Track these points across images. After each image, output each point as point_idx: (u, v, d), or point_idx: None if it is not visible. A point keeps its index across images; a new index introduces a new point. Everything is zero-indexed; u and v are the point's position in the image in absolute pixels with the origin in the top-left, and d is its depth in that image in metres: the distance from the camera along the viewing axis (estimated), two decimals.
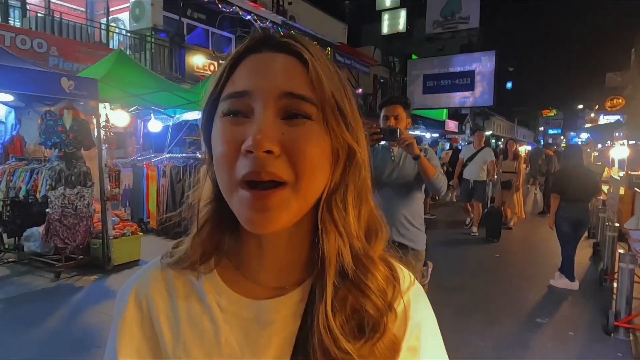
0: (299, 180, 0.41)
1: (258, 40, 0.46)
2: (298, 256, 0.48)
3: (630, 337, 3.45)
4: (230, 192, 0.42)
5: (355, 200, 0.46)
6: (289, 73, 0.43)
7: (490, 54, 18.01)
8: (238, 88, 0.43)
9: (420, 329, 0.49)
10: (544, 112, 54.14)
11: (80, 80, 4.49)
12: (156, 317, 0.49)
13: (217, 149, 0.43)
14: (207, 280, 0.49)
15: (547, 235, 6.57)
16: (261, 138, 0.39)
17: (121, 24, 10.15)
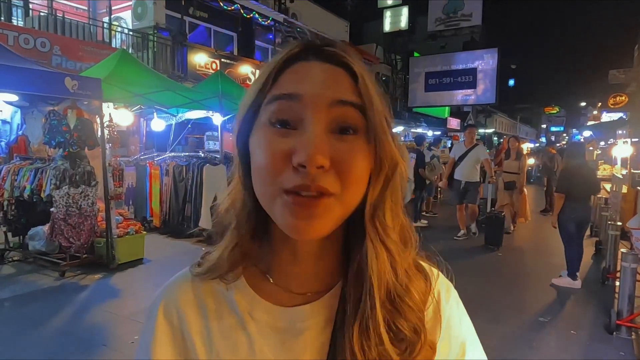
0: (344, 191, 0.41)
1: (306, 46, 0.45)
2: (329, 263, 0.49)
3: (632, 336, 3.46)
4: (272, 200, 0.41)
5: (393, 212, 0.46)
6: (340, 83, 0.42)
7: (493, 51, 17.97)
8: (287, 90, 0.41)
9: (450, 324, 0.51)
10: (546, 110, 53.90)
11: (84, 80, 4.51)
12: (187, 331, 0.49)
13: (259, 158, 0.42)
14: (237, 289, 0.49)
15: (549, 234, 6.57)
16: (314, 153, 0.38)
17: (123, 23, 10.17)
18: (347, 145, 0.41)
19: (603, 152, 13.24)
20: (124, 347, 3.18)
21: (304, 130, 0.40)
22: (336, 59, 0.43)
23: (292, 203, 0.40)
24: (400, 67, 21.20)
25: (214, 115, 7.08)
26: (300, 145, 0.39)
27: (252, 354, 0.47)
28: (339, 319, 0.46)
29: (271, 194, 0.41)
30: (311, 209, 0.40)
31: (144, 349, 0.50)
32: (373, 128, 0.42)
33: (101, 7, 10.07)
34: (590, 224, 6.96)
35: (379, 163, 0.43)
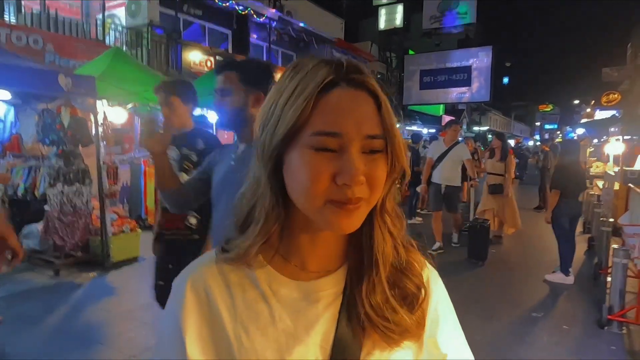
0: (372, 196, 0.51)
1: (338, 75, 0.51)
2: (340, 246, 0.59)
3: (623, 331, 3.51)
4: (318, 208, 0.50)
5: (391, 202, 0.57)
6: (369, 115, 0.51)
7: (487, 49, 18.01)
8: (331, 128, 0.49)
9: (438, 304, 0.61)
10: (540, 107, 54.22)
11: (78, 77, 4.49)
12: (214, 302, 0.56)
13: (305, 176, 0.49)
14: (259, 268, 0.57)
15: (542, 230, 6.63)
16: (356, 174, 0.48)
17: (117, 20, 10.10)
18: (375, 162, 0.51)
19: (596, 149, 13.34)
20: (120, 345, 3.19)
21: (345, 156, 0.49)
22: (363, 86, 0.52)
23: (338, 209, 0.50)
24: (395, 64, 21.22)
25: (208, 113, 7.07)
26: (345, 169, 0.48)
27: (272, 321, 0.55)
28: (348, 286, 0.57)
29: (316, 204, 0.50)
30: (351, 212, 0.50)
31: (172, 318, 0.57)
32: (393, 149, 0.52)
33: (94, 4, 10.00)
34: (583, 221, 7.04)
35: (392, 170, 0.54)
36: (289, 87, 0.51)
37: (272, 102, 0.53)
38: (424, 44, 21.13)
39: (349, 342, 0.54)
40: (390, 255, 0.56)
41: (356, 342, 0.54)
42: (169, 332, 0.57)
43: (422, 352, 0.58)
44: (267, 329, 0.54)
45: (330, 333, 0.55)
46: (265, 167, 0.54)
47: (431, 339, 0.59)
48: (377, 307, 0.54)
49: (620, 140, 8.13)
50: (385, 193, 0.55)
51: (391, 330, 0.54)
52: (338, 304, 0.56)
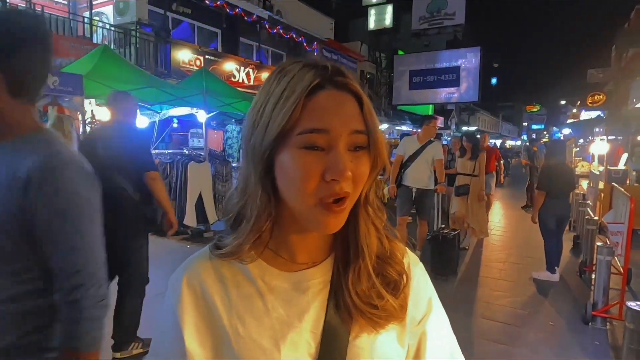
0: (355, 191, 0.54)
1: (324, 78, 0.54)
2: (327, 238, 0.61)
3: (607, 326, 3.59)
4: (307, 207, 0.53)
5: (373, 195, 0.61)
6: (353, 113, 0.54)
7: (476, 50, 18.20)
8: (318, 126, 0.52)
9: (419, 286, 0.65)
10: (527, 108, 54.94)
11: (65, 76, 4.45)
12: (209, 296, 0.58)
13: (295, 175, 0.52)
14: (251, 263, 0.59)
15: (529, 229, 6.72)
16: (344, 170, 0.51)
17: (105, 18, 10.00)
18: (359, 159, 0.54)
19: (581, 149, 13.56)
20: (108, 345, 3.16)
21: (332, 152, 0.52)
22: (346, 88, 0.55)
23: (327, 212, 0.52)
24: (385, 65, 21.33)
25: (198, 112, 7.03)
26: (333, 165, 0.51)
27: (266, 311, 0.58)
28: (335, 275, 0.60)
29: (308, 203, 0.53)
30: (337, 213, 0.53)
31: (170, 313, 0.59)
32: (375, 145, 0.55)
33: (82, 2, 9.89)
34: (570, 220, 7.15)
35: (374, 165, 0.57)
36: (277, 91, 0.53)
37: (260, 106, 0.55)
38: (413, 44, 21.28)
39: (337, 327, 0.57)
40: (374, 245, 0.60)
41: (344, 326, 0.58)
42: (167, 327, 0.60)
43: (405, 332, 0.62)
44: (262, 318, 0.57)
45: (320, 319, 0.58)
46: (256, 168, 0.56)
47: (413, 319, 0.63)
48: (363, 295, 0.58)
49: (605, 140, 8.28)
50: (369, 187, 0.58)
51: (377, 316, 0.58)
52: (326, 292, 0.59)
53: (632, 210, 3.58)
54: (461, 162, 6.05)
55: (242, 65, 11.66)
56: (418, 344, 0.63)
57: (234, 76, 11.31)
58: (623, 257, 3.67)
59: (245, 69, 11.74)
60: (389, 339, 0.60)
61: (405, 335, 0.62)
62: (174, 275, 0.62)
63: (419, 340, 0.63)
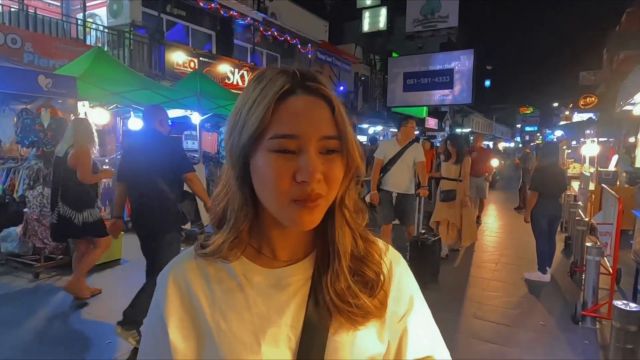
0: (329, 192, 0.57)
1: (294, 83, 0.56)
2: (307, 236, 0.64)
3: (596, 326, 3.64)
4: (281, 207, 0.55)
5: (350, 197, 0.62)
6: (324, 118, 0.56)
7: (469, 53, 18.30)
8: (288, 131, 0.54)
9: (400, 283, 0.67)
10: (521, 110, 55.24)
11: (58, 78, 4.44)
12: (194, 292, 0.61)
13: (268, 177, 0.54)
14: (235, 261, 0.62)
15: (522, 230, 6.79)
16: (313, 172, 0.53)
17: (98, 20, 9.97)
18: (331, 162, 0.56)
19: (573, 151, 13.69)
20: (102, 347, 3.16)
21: (302, 156, 0.54)
22: (318, 92, 0.57)
23: (300, 208, 0.55)
24: (379, 67, 21.40)
25: (192, 114, 7.04)
26: (303, 167, 0.53)
27: (247, 306, 0.60)
28: (316, 272, 0.62)
29: (282, 203, 0.55)
30: (312, 209, 0.55)
31: (156, 309, 0.62)
32: (346, 148, 0.57)
33: (75, 4, 9.85)
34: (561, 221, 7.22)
35: (348, 168, 0.59)
36: (252, 96, 0.56)
37: (238, 111, 0.58)
38: (408, 46, 21.37)
39: (317, 323, 0.59)
40: (349, 246, 0.62)
41: (324, 322, 0.59)
42: (153, 321, 0.63)
43: (384, 328, 0.63)
44: (243, 313, 0.59)
45: (301, 315, 0.60)
46: (234, 170, 0.59)
47: (394, 315, 0.64)
48: (341, 293, 0.59)
49: (596, 142, 8.37)
50: (344, 190, 0.60)
51: (354, 314, 0.59)
52: (307, 289, 0.61)
53: (620, 211, 3.63)
54: (446, 166, 5.80)
55: (236, 68, 11.66)
56: (399, 340, 0.64)
57: (228, 78, 11.31)
58: (612, 257, 3.73)
59: (240, 71, 11.74)
60: (368, 334, 0.61)
61: (385, 331, 0.63)
62: (161, 273, 0.65)
63: (400, 337, 0.65)
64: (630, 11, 22.20)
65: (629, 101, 3.32)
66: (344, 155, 0.57)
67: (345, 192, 0.61)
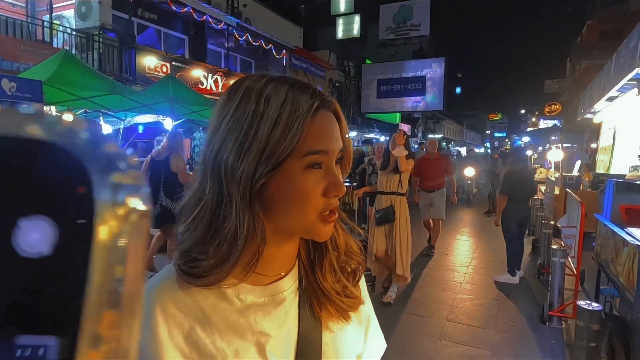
0: None
1: (321, 100, 0.57)
2: (295, 247, 0.65)
3: (562, 325, 3.78)
4: (310, 220, 0.57)
5: None
6: (339, 133, 0.60)
7: (440, 61, 18.75)
8: (322, 147, 0.56)
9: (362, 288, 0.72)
10: (490, 116, 56.88)
11: (23, 81, 4.29)
12: (187, 322, 0.55)
13: (300, 194, 0.55)
14: (225, 282, 0.57)
15: (492, 234, 6.98)
16: (343, 186, 0.57)
17: (66, 22, 9.69)
18: (339, 171, 0.60)
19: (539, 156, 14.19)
20: None
21: (331, 171, 0.57)
22: (332, 108, 0.59)
23: (326, 221, 0.58)
24: (353, 73, 21.64)
25: (164, 119, 6.92)
26: (334, 183, 0.57)
27: (248, 324, 0.58)
28: (303, 276, 0.65)
29: (311, 218, 0.57)
30: (332, 223, 0.59)
31: (144, 349, 0.54)
32: (347, 157, 0.61)
33: (41, 5, 9.54)
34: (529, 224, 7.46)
35: (344, 172, 0.62)
36: (271, 114, 0.52)
37: (247, 129, 0.52)
38: (381, 53, 21.72)
39: (310, 331, 0.62)
40: (344, 245, 0.66)
41: (316, 329, 0.62)
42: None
43: (361, 328, 0.70)
44: (246, 335, 0.57)
45: (295, 325, 0.62)
46: (245, 193, 0.53)
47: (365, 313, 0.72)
48: (331, 282, 0.64)
49: (560, 147, 8.71)
50: None
51: (344, 302, 0.64)
52: (297, 298, 0.63)
53: (583, 215, 3.79)
54: (383, 175, 4.35)
55: (210, 72, 11.55)
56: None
57: (202, 83, 11.18)
58: (576, 259, 3.88)
59: (213, 76, 11.63)
60: (354, 334, 0.67)
61: (362, 326, 0.70)
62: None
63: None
64: (591, 23, 23.30)
65: (589, 110, 3.49)
66: (343, 163, 0.62)
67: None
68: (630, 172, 2.44)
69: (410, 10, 19.12)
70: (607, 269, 2.86)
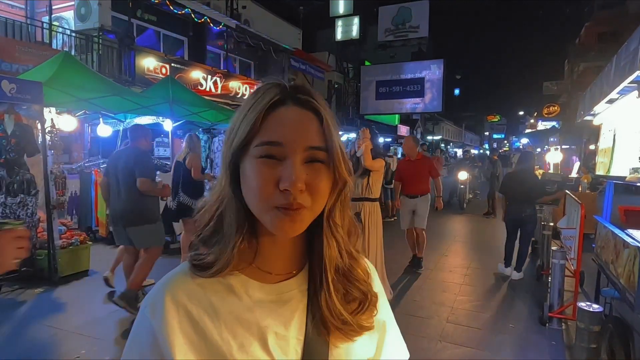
0: (314, 204, 0.57)
1: (285, 94, 0.58)
2: (297, 249, 0.65)
3: (562, 327, 3.78)
4: (265, 212, 0.56)
5: (341, 215, 0.63)
6: (311, 129, 0.57)
7: (439, 62, 18.82)
8: (274, 138, 0.56)
9: (379, 300, 0.69)
10: (488, 118, 57.04)
11: (23, 83, 4.28)
12: (197, 313, 0.58)
13: (254, 183, 0.56)
14: (232, 277, 0.61)
15: (492, 235, 7.00)
16: (296, 181, 0.53)
17: (65, 23, 9.68)
18: (316, 172, 0.57)
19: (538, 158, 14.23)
20: None
21: (287, 164, 0.55)
22: (308, 105, 0.58)
23: (282, 215, 0.55)
24: (352, 75, 21.67)
25: (164, 121, 6.92)
26: (285, 176, 0.54)
27: (255, 320, 0.60)
28: (311, 288, 0.64)
29: (264, 208, 0.56)
30: (295, 217, 0.55)
31: (149, 335, 0.58)
32: (332, 160, 0.58)
33: (40, 6, 9.54)
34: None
35: (335, 181, 0.59)
36: (246, 107, 0.58)
37: (234, 121, 0.60)
38: (380, 55, 21.77)
39: (316, 336, 0.61)
40: (334, 258, 0.62)
41: (322, 335, 0.61)
42: (146, 350, 0.58)
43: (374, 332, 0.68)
44: (252, 330, 0.59)
45: (303, 327, 0.62)
46: (227, 177, 0.60)
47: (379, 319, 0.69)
48: (334, 311, 0.61)
49: (559, 149, 8.73)
50: (332, 203, 0.61)
51: (349, 329, 0.62)
52: (305, 301, 0.63)
53: (583, 216, 3.80)
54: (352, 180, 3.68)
55: (209, 74, 11.54)
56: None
57: (201, 85, 11.18)
58: (576, 261, 3.89)
59: (213, 77, 11.63)
60: (364, 341, 0.65)
61: (374, 332, 0.68)
62: (152, 296, 0.60)
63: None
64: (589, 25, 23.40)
65: (589, 112, 3.51)
66: (331, 168, 0.58)
67: (333, 205, 0.61)
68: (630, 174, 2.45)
69: (409, 12, 19.17)
70: (607, 270, 2.87)
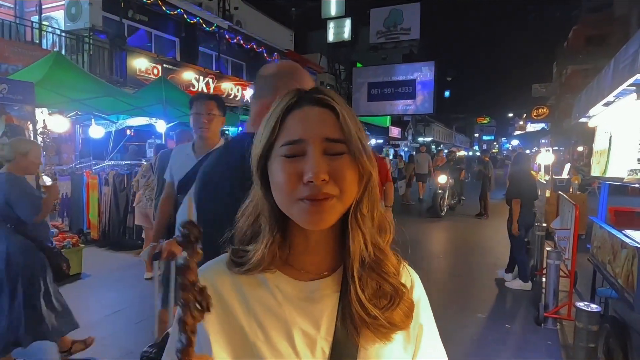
0: (342, 194, 0.58)
1: (301, 97, 0.62)
2: (331, 248, 0.65)
3: (557, 327, 3.82)
4: (290, 205, 0.58)
5: (370, 207, 0.63)
6: (326, 123, 0.59)
7: (430, 64, 18.93)
8: (294, 137, 0.59)
9: (419, 302, 0.69)
10: (478, 120, 57.59)
11: (14, 83, 4.22)
12: (227, 300, 0.62)
13: (279, 179, 0.58)
14: (267, 272, 0.63)
15: (486, 236, 7.05)
16: (318, 172, 0.55)
17: (55, 23, 9.56)
18: (338, 163, 0.58)
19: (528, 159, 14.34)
20: None
21: (307, 157, 0.57)
22: (323, 102, 0.61)
23: (308, 206, 0.57)
24: (344, 76, 21.71)
25: (157, 122, 6.86)
26: (308, 168, 0.56)
27: (283, 315, 0.61)
28: (344, 287, 0.64)
29: (290, 202, 0.58)
30: (319, 208, 0.57)
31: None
32: (352, 152, 0.59)
33: (29, 6, 9.41)
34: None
35: (360, 173, 0.60)
36: (268, 114, 0.63)
37: (260, 128, 0.64)
38: (371, 57, 21.82)
39: (347, 336, 0.61)
40: (359, 251, 0.62)
41: (352, 337, 0.61)
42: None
43: (410, 340, 0.67)
44: (280, 324, 0.61)
45: (332, 327, 0.62)
46: (257, 180, 0.63)
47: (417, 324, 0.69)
48: (366, 306, 0.61)
49: (550, 151, 8.83)
50: (359, 196, 0.61)
51: (381, 326, 0.61)
52: (336, 303, 0.63)
53: (577, 217, 3.84)
54: None
55: (201, 75, 11.48)
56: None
57: (193, 85, 11.12)
58: (570, 261, 3.93)
59: (205, 78, 11.57)
60: (395, 347, 0.64)
61: (410, 343, 0.67)
62: None
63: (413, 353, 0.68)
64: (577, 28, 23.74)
65: (584, 114, 3.55)
66: (355, 160, 0.59)
67: (361, 197, 0.61)
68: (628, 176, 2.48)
69: (401, 14, 19.27)
70: (604, 270, 2.90)
